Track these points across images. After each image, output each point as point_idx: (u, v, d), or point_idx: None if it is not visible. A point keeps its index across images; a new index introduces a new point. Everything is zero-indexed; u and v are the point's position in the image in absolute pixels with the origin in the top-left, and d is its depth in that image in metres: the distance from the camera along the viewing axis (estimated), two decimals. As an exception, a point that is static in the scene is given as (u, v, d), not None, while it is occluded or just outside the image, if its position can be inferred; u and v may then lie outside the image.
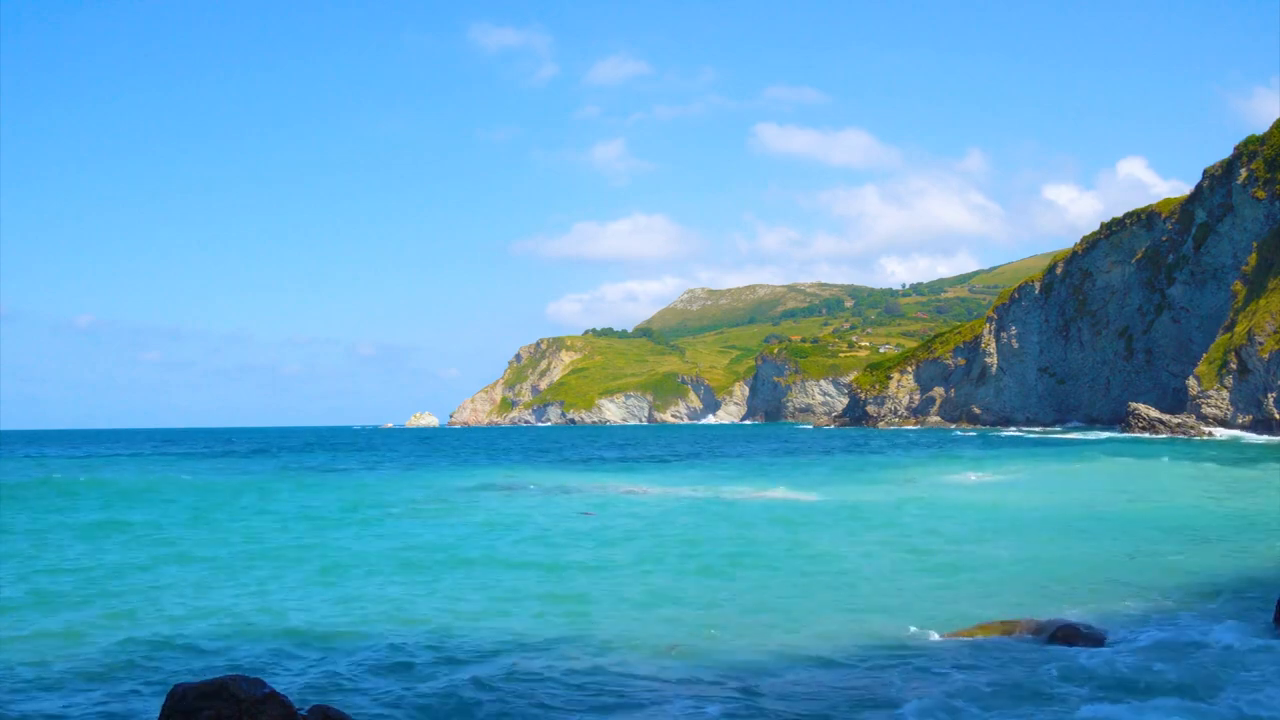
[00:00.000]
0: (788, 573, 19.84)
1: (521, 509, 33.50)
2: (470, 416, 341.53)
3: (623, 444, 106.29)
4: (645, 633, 14.76)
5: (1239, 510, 29.00)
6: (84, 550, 24.02)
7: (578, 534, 26.60)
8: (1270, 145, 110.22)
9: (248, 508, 35.02)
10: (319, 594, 18.41)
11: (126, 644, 14.30)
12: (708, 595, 17.75)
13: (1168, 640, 13.47)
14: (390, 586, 19.08)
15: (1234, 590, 17.05)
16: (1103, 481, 41.22)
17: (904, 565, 20.59)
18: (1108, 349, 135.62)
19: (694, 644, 14.02)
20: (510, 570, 20.73)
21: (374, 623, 15.83)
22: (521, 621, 15.81)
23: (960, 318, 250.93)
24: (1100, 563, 20.30)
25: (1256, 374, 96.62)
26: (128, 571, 20.95)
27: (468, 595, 18.12)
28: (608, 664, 13.03)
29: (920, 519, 28.70)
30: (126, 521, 30.46)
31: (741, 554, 22.35)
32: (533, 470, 57.43)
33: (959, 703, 11.09)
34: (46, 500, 38.20)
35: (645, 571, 20.34)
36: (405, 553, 23.32)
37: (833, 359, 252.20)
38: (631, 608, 16.69)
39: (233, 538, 26.40)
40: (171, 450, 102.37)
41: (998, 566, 20.19)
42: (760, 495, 37.30)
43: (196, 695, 9.26)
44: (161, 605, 17.33)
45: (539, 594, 18.07)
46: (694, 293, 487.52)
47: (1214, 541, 22.88)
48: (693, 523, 28.61)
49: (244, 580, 19.86)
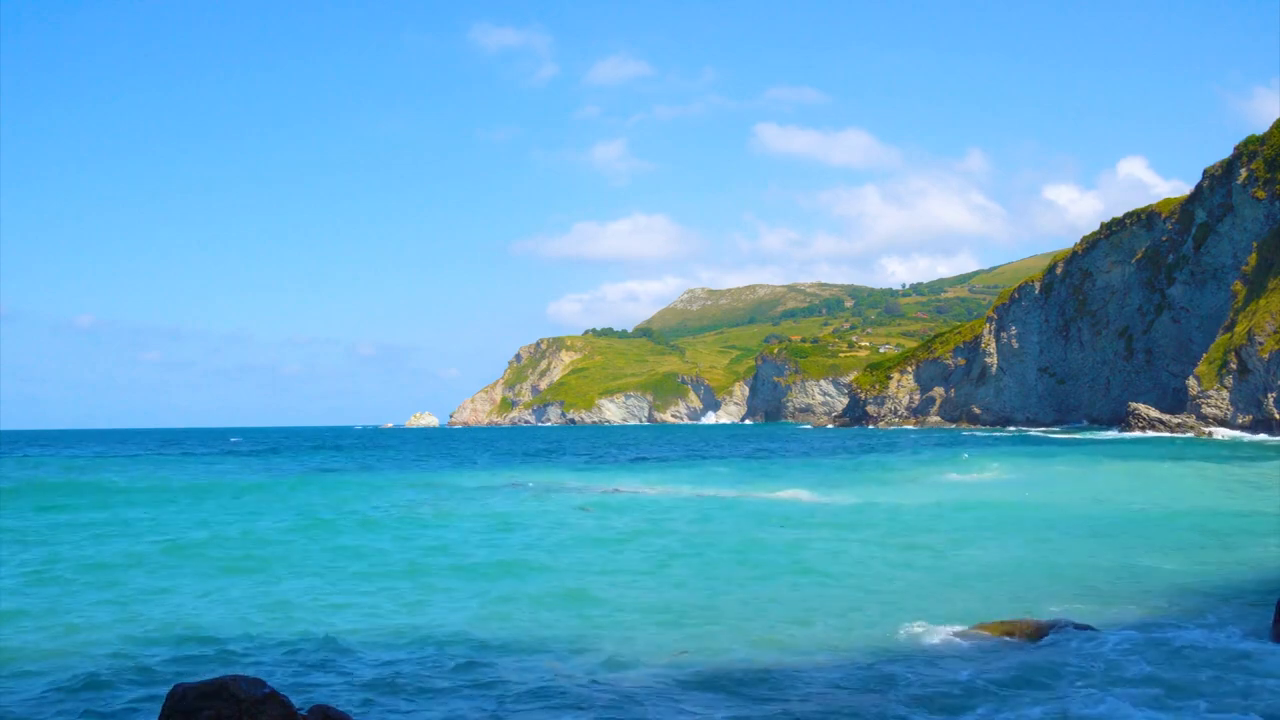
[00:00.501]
0: (788, 573, 19.83)
1: (524, 508, 33.47)
2: (470, 416, 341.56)
3: (624, 444, 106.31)
4: (648, 635, 14.75)
5: (1239, 510, 29.01)
6: (84, 550, 24.00)
7: (577, 532, 26.58)
8: (1270, 145, 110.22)
9: (249, 508, 34.99)
10: (319, 594, 18.40)
11: (126, 644, 14.29)
12: (710, 595, 17.73)
13: (1166, 641, 13.46)
14: (391, 586, 19.07)
15: (1233, 591, 17.06)
16: (1102, 481, 41.23)
17: (904, 565, 20.59)
18: (1108, 349, 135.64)
19: (698, 645, 14.01)
20: (510, 570, 20.71)
21: (374, 623, 15.82)
22: (522, 623, 15.79)
23: (960, 318, 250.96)
24: (1100, 563, 20.29)
25: (1256, 374, 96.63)
26: (128, 571, 20.93)
27: (469, 595, 18.11)
28: (611, 665, 13.02)
29: (920, 519, 28.70)
30: (128, 522, 30.46)
31: (742, 554, 22.35)
32: (532, 470, 57.45)
33: (961, 703, 11.10)
34: (49, 500, 38.18)
35: (647, 572, 20.33)
36: (409, 554, 23.32)
37: (833, 359, 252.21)
38: (635, 610, 16.67)
39: (234, 538, 26.38)
40: (170, 451, 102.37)
41: (997, 566, 20.19)
42: (761, 495, 37.29)
43: (196, 695, 9.25)
44: (162, 605, 17.32)
45: (538, 594, 18.06)
46: (694, 293, 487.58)
47: (1214, 541, 22.88)
48: (693, 522, 28.59)
49: (245, 580, 19.84)
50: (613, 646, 13.92)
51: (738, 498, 36.58)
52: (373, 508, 34.43)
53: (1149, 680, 11.63)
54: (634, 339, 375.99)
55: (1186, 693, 11.10)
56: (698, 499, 36.20)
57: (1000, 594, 17.32)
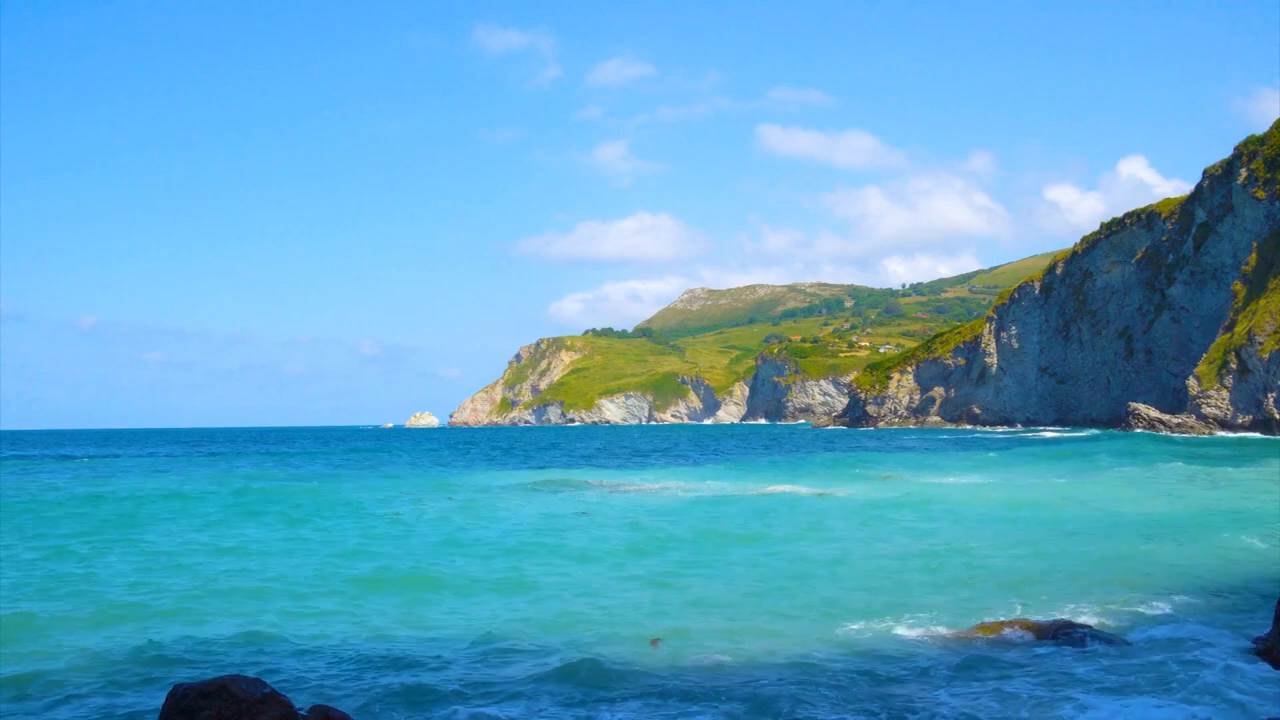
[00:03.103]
0: (788, 573, 19.82)
1: (527, 508, 33.48)
2: (470, 416, 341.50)
3: (625, 444, 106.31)
4: (638, 631, 14.75)
5: (1238, 509, 28.99)
6: (87, 551, 24.00)
7: (578, 531, 26.59)
8: (1270, 145, 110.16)
9: (250, 508, 34.99)
10: (318, 594, 18.40)
11: (127, 644, 14.30)
12: (706, 594, 17.72)
13: (1165, 642, 13.49)
14: (391, 587, 19.08)
15: (1233, 591, 17.06)
16: (1101, 481, 41.23)
17: (903, 565, 20.58)
18: (1108, 349, 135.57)
19: (699, 646, 14.01)
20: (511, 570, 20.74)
21: (373, 624, 15.83)
22: (522, 623, 15.80)
23: (960, 318, 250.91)
24: (1099, 563, 20.28)
25: (1256, 374, 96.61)
26: (128, 572, 20.94)
27: (467, 598, 18.13)
28: (602, 663, 13.03)
29: (919, 518, 28.69)
30: (128, 522, 30.46)
31: (740, 553, 22.35)
32: (533, 469, 57.47)
33: (958, 703, 11.11)
34: (51, 498, 38.20)
35: (648, 572, 20.33)
36: (409, 555, 23.33)
37: (833, 359, 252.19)
38: (625, 606, 16.67)
39: (236, 538, 26.39)
40: (175, 452, 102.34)
41: (996, 567, 20.18)
42: (761, 491, 37.28)
43: (197, 695, 9.27)
44: (162, 605, 17.33)
45: (539, 593, 18.08)
46: (694, 293, 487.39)
47: (1214, 542, 22.87)
48: (691, 521, 28.58)
49: (246, 580, 19.85)
50: (601, 641, 13.91)
51: (736, 494, 36.53)
52: (367, 509, 34.41)
53: (1145, 683, 11.66)
54: (634, 339, 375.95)
55: (1183, 695, 11.11)
56: (697, 497, 36.11)
57: (999, 594, 17.29)
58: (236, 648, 14.21)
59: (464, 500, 37.28)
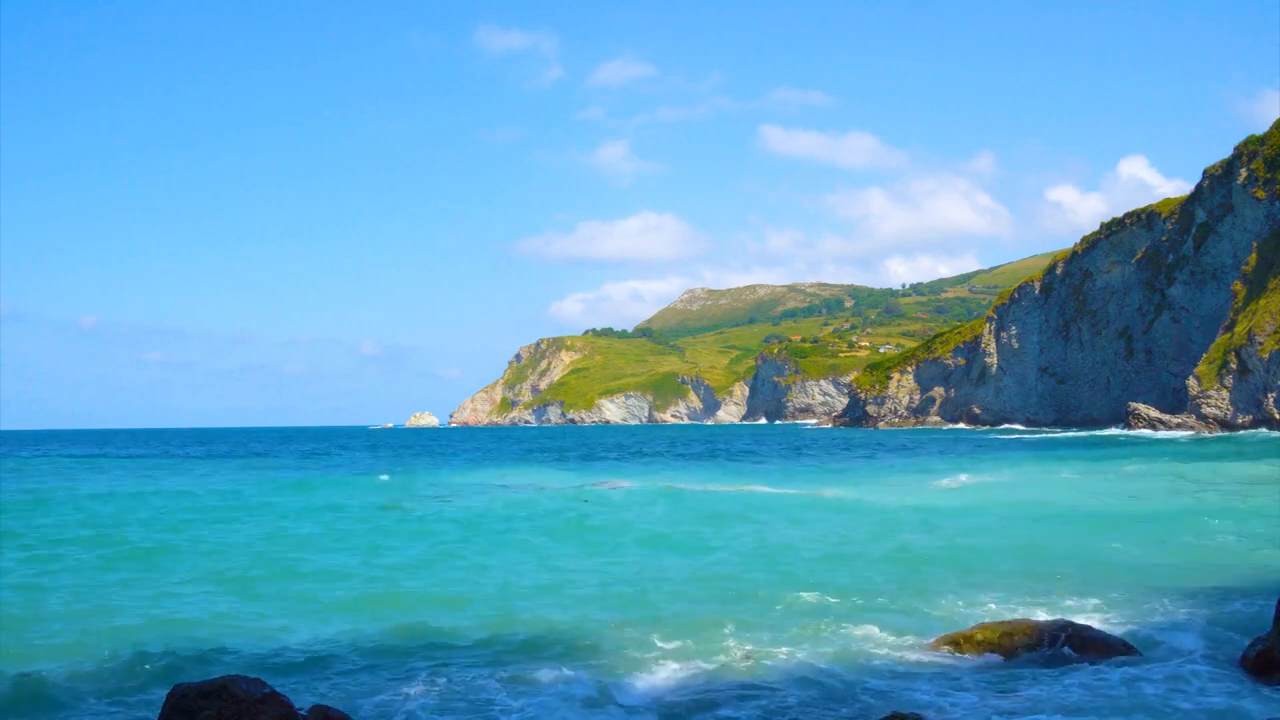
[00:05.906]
0: (787, 573, 19.83)
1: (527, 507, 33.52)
2: (470, 416, 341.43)
3: (625, 444, 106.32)
4: (631, 635, 14.76)
5: (1239, 510, 28.99)
6: (86, 550, 24.03)
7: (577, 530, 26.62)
8: (1270, 145, 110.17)
9: (250, 508, 35.03)
10: (318, 594, 18.42)
11: (127, 644, 14.30)
12: (702, 593, 17.74)
13: (1164, 640, 13.51)
14: (391, 589, 19.11)
15: (1232, 591, 17.07)
16: (1100, 482, 41.23)
17: (902, 565, 20.57)
18: (1108, 349, 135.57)
19: (698, 647, 14.01)
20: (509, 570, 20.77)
21: (373, 623, 15.84)
22: (522, 623, 15.82)
23: (960, 318, 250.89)
24: (1099, 562, 20.30)
25: (1256, 374, 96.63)
26: (128, 572, 20.96)
27: (468, 598, 18.16)
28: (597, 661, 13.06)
29: (918, 518, 28.67)
30: (129, 522, 30.48)
31: (737, 552, 22.37)
32: (529, 469, 57.51)
33: (955, 703, 11.12)
34: (52, 498, 38.21)
35: (647, 571, 20.36)
36: (410, 555, 23.36)
37: (833, 359, 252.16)
38: (618, 602, 16.69)
39: (237, 537, 26.42)
40: (177, 454, 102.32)
41: (994, 567, 20.18)
42: (757, 489, 37.30)
43: (197, 695, 9.29)
44: (162, 605, 17.35)
45: (537, 594, 18.10)
46: (694, 293, 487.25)
47: (1212, 542, 22.88)
48: (690, 521, 28.60)
49: (247, 580, 19.87)
50: (597, 639, 13.93)
51: (734, 491, 36.54)
52: (359, 510, 34.42)
53: (1144, 684, 11.68)
54: (634, 339, 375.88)
55: (1180, 696, 11.14)
56: (695, 495, 36.11)
57: (998, 594, 17.30)
58: (237, 648, 14.22)
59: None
